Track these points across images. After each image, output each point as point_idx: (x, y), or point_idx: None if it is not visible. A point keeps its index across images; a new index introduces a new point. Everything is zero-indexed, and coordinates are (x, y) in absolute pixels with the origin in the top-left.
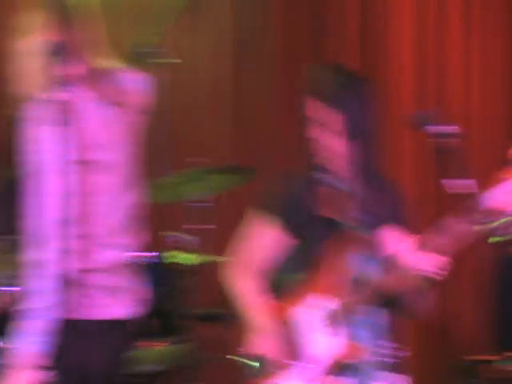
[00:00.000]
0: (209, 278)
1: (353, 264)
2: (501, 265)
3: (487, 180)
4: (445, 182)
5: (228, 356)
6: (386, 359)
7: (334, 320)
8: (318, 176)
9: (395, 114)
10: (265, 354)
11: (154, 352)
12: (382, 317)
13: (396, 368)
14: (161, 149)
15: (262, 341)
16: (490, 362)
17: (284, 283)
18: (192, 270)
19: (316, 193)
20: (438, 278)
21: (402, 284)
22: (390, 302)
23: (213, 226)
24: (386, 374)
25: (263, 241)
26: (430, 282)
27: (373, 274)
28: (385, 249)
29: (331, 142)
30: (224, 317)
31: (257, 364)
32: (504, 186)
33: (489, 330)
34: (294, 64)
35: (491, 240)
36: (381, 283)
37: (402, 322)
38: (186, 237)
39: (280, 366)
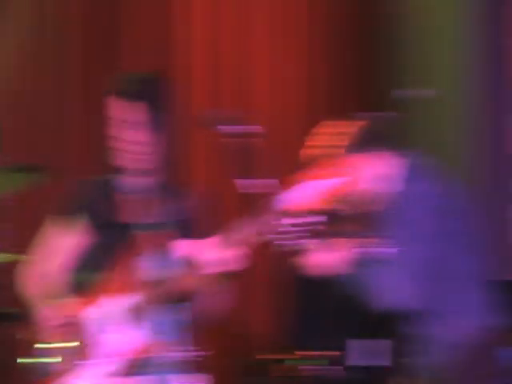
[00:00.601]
0: (11, 277)
1: (149, 264)
2: (291, 267)
3: (285, 181)
4: (239, 181)
5: (22, 357)
6: (185, 358)
7: (133, 317)
8: (116, 178)
9: (191, 115)
10: (59, 352)
11: None
12: (180, 315)
13: (195, 367)
14: None
15: (56, 339)
16: (281, 360)
17: (81, 283)
18: None
19: (113, 196)
20: (235, 275)
21: (198, 283)
22: (187, 300)
23: (12, 225)
24: (186, 372)
25: (60, 242)
26: (228, 280)
27: (169, 273)
28: (181, 249)
29: (133, 137)
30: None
31: (51, 362)
32: (298, 189)
33: (281, 330)
34: (93, 66)
35: (277, 248)
36: (177, 282)
37: (199, 320)
38: None
39: (76, 364)
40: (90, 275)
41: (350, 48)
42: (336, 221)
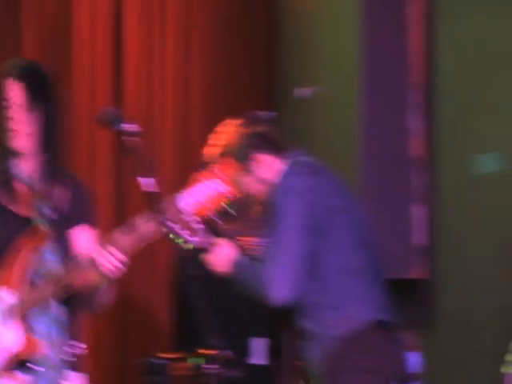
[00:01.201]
0: None
1: (36, 259)
2: (182, 265)
3: (180, 180)
4: (137, 179)
5: None
6: (65, 356)
7: (12, 314)
8: (11, 164)
9: (87, 112)
10: None
11: None
12: (63, 312)
13: (74, 365)
14: None
15: None
16: (183, 359)
17: None
18: None
19: (8, 184)
20: (117, 274)
21: (82, 280)
22: (70, 297)
23: None
24: (65, 371)
25: None
26: (110, 279)
27: (55, 269)
28: (68, 245)
29: (13, 116)
30: None
31: None
32: (197, 188)
33: (182, 328)
34: None
35: (175, 241)
36: (62, 278)
37: (82, 318)
38: None
39: None
40: None
41: (237, 39)
42: (224, 220)
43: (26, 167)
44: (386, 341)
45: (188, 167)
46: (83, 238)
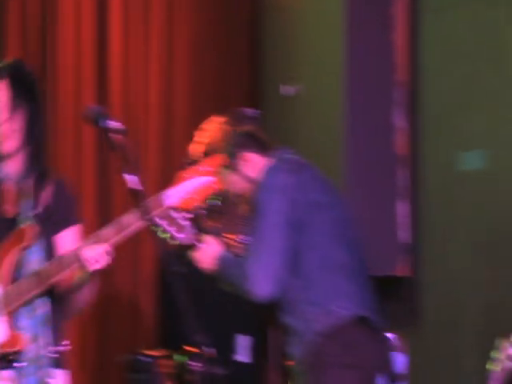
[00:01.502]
0: None
1: (23, 257)
2: (167, 262)
3: (166, 178)
4: (123, 176)
5: None
6: (49, 353)
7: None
8: None
9: (72, 113)
10: None
11: None
12: (47, 309)
13: (58, 362)
14: None
15: None
16: (169, 356)
17: None
18: None
19: None
20: (102, 270)
21: (67, 276)
22: (55, 294)
23: None
24: (49, 368)
25: None
26: (94, 275)
27: (40, 266)
28: (54, 242)
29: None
30: None
31: None
32: (183, 185)
33: (166, 325)
34: None
35: (161, 237)
36: (48, 275)
37: (67, 315)
38: None
39: None
40: None
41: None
42: (209, 217)
43: (11, 166)
44: (367, 337)
45: (173, 165)
46: (69, 237)
